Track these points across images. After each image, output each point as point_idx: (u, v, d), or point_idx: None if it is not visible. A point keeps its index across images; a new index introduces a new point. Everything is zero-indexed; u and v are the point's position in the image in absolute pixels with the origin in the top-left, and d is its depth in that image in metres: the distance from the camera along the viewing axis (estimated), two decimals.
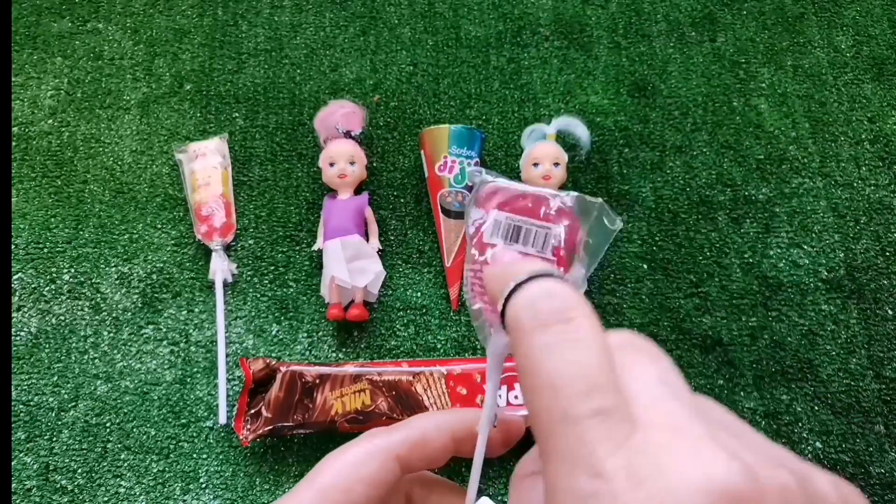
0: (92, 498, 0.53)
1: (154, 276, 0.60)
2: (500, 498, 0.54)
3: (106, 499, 0.53)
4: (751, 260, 0.61)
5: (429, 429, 0.25)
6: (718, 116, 0.66)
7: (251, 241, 0.62)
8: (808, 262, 0.61)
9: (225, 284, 0.59)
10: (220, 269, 0.59)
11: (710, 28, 0.71)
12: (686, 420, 0.17)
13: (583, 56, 0.69)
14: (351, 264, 0.58)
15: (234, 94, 0.68)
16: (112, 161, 0.65)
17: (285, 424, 0.53)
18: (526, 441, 0.24)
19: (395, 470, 0.24)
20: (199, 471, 0.54)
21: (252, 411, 0.54)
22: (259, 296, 0.60)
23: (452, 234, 0.60)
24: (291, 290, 0.60)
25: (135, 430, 0.56)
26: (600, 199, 0.25)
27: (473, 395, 0.53)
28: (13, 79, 0.68)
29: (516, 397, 0.53)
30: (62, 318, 0.59)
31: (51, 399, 0.56)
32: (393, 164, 0.65)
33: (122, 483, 0.54)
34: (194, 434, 0.55)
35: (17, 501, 0.53)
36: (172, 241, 0.62)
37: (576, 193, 0.25)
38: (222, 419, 0.55)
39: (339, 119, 0.62)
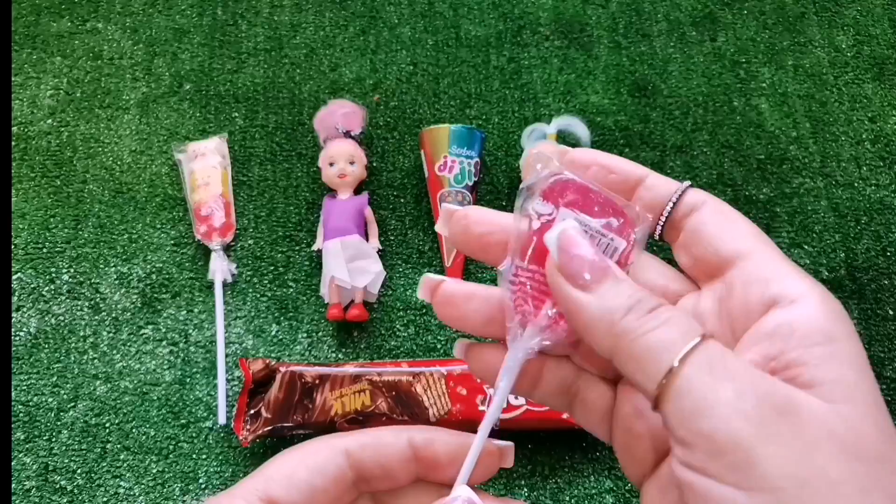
0: (91, 498, 0.53)
1: (153, 277, 0.60)
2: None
3: (105, 499, 0.53)
4: None
5: (384, 432, 0.25)
6: (719, 116, 0.66)
7: (251, 241, 0.62)
8: (808, 262, 0.61)
9: (224, 284, 0.59)
10: (220, 269, 0.59)
11: (711, 28, 0.71)
12: None
13: (583, 56, 0.69)
14: (351, 264, 0.58)
15: (233, 94, 0.67)
16: (111, 161, 0.65)
17: (285, 425, 0.53)
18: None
19: (342, 464, 0.24)
20: (199, 471, 0.54)
21: (252, 412, 0.54)
22: (259, 296, 0.60)
23: None
24: (291, 290, 0.60)
25: (134, 430, 0.55)
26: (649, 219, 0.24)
27: (473, 395, 0.53)
28: (13, 78, 0.68)
29: (516, 398, 0.53)
30: (61, 318, 0.59)
31: (50, 399, 0.56)
32: (393, 164, 0.65)
33: (122, 483, 0.54)
34: (194, 434, 0.55)
35: (17, 501, 0.53)
36: (172, 241, 0.62)
37: (644, 214, 0.23)
38: (222, 419, 0.55)
39: (339, 119, 0.62)
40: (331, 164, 0.61)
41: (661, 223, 0.24)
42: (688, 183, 0.24)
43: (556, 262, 0.22)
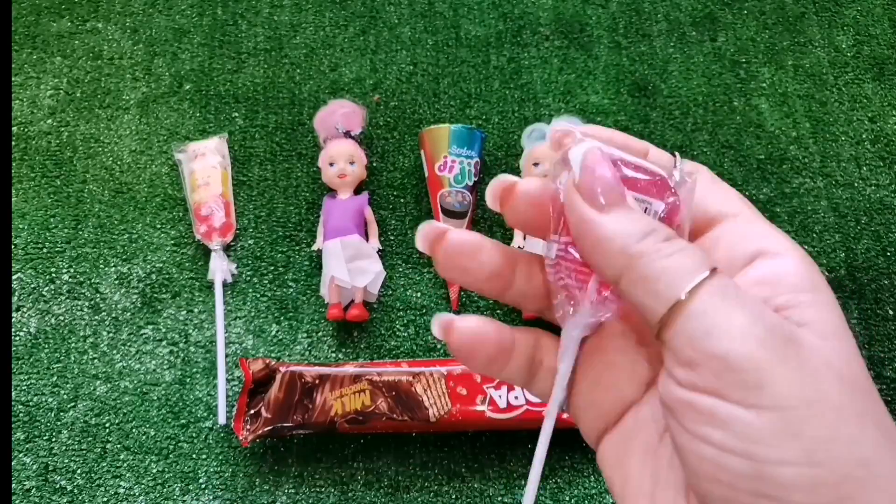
0: (91, 498, 0.53)
1: (153, 276, 0.60)
2: (499, 499, 0.54)
3: (105, 499, 0.53)
4: None
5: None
6: (719, 116, 0.66)
7: (251, 241, 0.62)
8: None
9: (224, 284, 0.59)
10: (220, 269, 0.59)
11: (711, 28, 0.70)
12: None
13: (583, 56, 0.69)
14: (351, 264, 0.58)
15: (233, 94, 0.67)
16: (111, 161, 0.65)
17: (285, 425, 0.53)
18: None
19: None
20: (199, 471, 0.54)
21: (252, 412, 0.54)
22: (259, 296, 0.60)
23: None
24: (291, 290, 0.60)
25: (134, 430, 0.55)
26: (699, 170, 0.24)
27: (473, 395, 0.53)
28: (13, 78, 0.68)
29: (516, 398, 0.53)
30: (61, 318, 0.59)
31: (50, 399, 0.56)
32: (393, 164, 0.65)
33: (122, 483, 0.54)
34: (194, 434, 0.55)
35: (17, 502, 0.53)
36: (172, 241, 0.62)
37: (681, 166, 0.23)
38: (222, 419, 0.55)
39: (339, 119, 0.62)
40: (331, 164, 0.61)
41: None
42: (677, 154, 0.24)
43: (575, 179, 0.22)
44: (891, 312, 0.59)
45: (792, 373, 0.18)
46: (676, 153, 0.24)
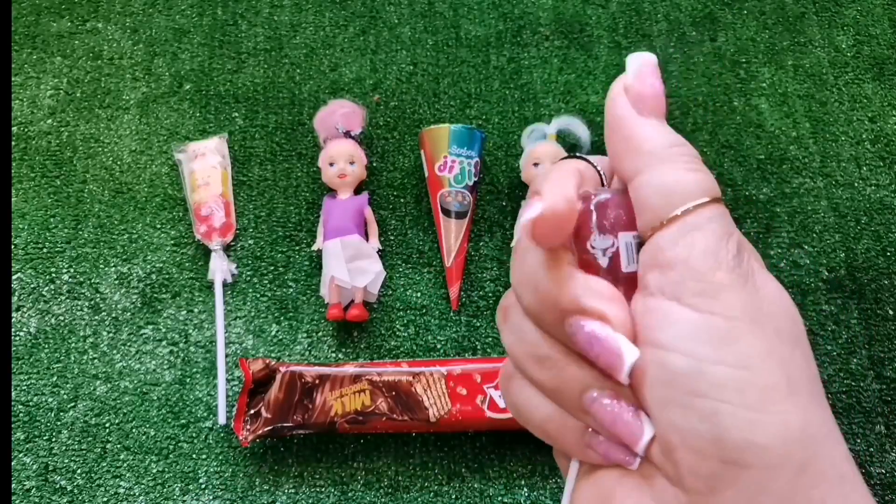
0: (91, 498, 0.53)
1: (153, 277, 0.60)
2: (499, 499, 0.54)
3: (105, 499, 0.53)
4: None
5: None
6: (719, 116, 0.66)
7: (251, 241, 0.62)
8: (808, 262, 0.61)
9: (224, 284, 0.59)
10: (220, 269, 0.59)
11: (711, 28, 0.70)
12: None
13: (583, 56, 0.69)
14: (351, 264, 0.58)
15: (233, 94, 0.67)
16: (111, 161, 0.65)
17: (285, 425, 0.53)
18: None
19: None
20: (199, 471, 0.54)
21: (251, 412, 0.54)
22: (259, 296, 0.60)
23: (452, 234, 0.60)
24: (291, 290, 0.60)
25: (134, 430, 0.55)
26: None
27: (473, 395, 0.53)
28: (13, 78, 0.68)
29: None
30: (61, 318, 0.59)
31: (50, 399, 0.56)
32: (393, 164, 0.65)
33: (122, 483, 0.54)
34: (194, 434, 0.55)
35: (17, 502, 0.53)
36: (172, 241, 0.62)
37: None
38: (222, 419, 0.55)
39: (339, 119, 0.62)
40: (331, 164, 0.61)
41: None
42: None
43: (627, 82, 0.23)
44: (891, 312, 0.59)
45: (746, 296, 0.20)
46: None
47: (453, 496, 0.53)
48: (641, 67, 0.23)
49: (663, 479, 0.21)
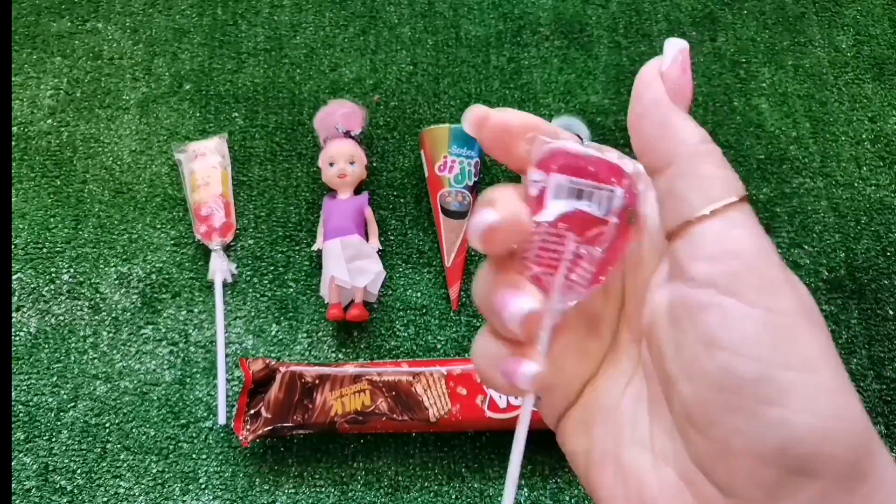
0: (91, 498, 0.53)
1: (153, 276, 0.60)
2: (499, 499, 0.54)
3: (105, 499, 0.53)
4: None
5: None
6: (719, 116, 0.66)
7: (251, 241, 0.62)
8: (808, 262, 0.61)
9: (224, 284, 0.59)
10: (220, 269, 0.59)
11: (711, 28, 0.70)
12: None
13: (583, 56, 0.69)
14: (351, 264, 0.58)
15: (233, 94, 0.67)
16: (111, 161, 0.65)
17: (285, 425, 0.53)
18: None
19: None
20: (199, 471, 0.54)
21: (251, 412, 0.54)
22: (259, 296, 0.60)
23: (452, 234, 0.60)
24: (291, 290, 0.60)
25: (134, 430, 0.55)
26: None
27: (473, 395, 0.53)
28: (13, 78, 0.68)
29: (516, 398, 0.53)
30: (61, 318, 0.59)
31: (50, 399, 0.56)
32: (393, 164, 0.65)
33: (122, 483, 0.54)
34: (194, 434, 0.55)
35: (17, 502, 0.53)
36: (172, 241, 0.62)
37: (636, 164, 0.24)
38: (222, 419, 0.55)
39: (339, 119, 0.62)
40: (331, 164, 0.61)
41: None
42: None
43: (666, 66, 0.22)
44: (891, 312, 0.59)
45: (795, 294, 0.20)
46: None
47: (453, 496, 0.53)
48: (679, 55, 0.22)
49: (711, 487, 0.21)
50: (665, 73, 0.22)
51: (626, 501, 0.22)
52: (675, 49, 0.22)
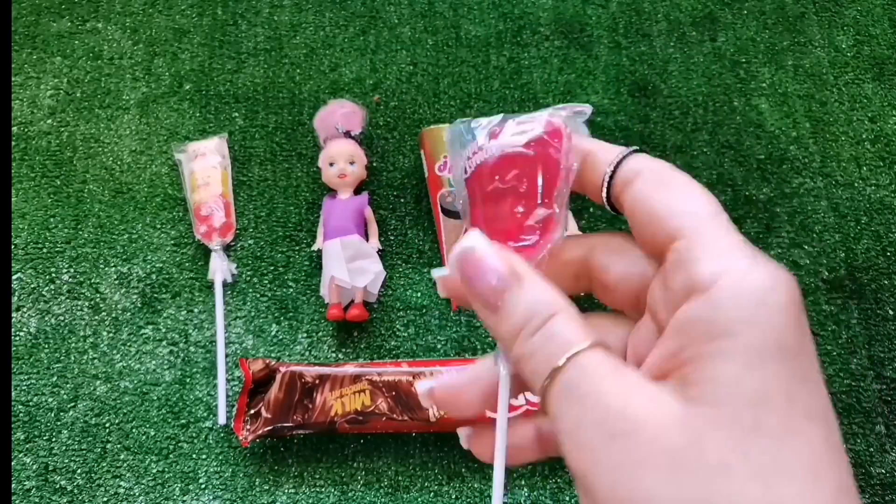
0: (91, 498, 0.53)
1: (153, 276, 0.60)
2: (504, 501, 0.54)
3: (105, 499, 0.53)
4: None
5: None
6: (719, 116, 0.66)
7: (251, 241, 0.62)
8: (808, 262, 0.61)
9: (224, 284, 0.59)
10: (220, 269, 0.59)
11: (711, 28, 0.70)
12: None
13: (583, 56, 0.69)
14: (351, 264, 0.58)
15: (233, 94, 0.67)
16: (111, 161, 0.65)
17: (285, 425, 0.53)
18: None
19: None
20: (199, 471, 0.54)
21: (252, 412, 0.54)
22: (259, 296, 0.60)
23: (452, 234, 0.60)
24: (291, 290, 0.60)
25: (134, 430, 0.55)
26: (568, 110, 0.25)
27: None
28: (13, 78, 0.68)
29: (516, 398, 0.53)
30: (61, 318, 0.59)
31: (50, 399, 0.56)
32: (393, 164, 0.65)
33: (122, 483, 0.54)
34: (194, 434, 0.55)
35: (17, 502, 0.53)
36: (172, 241, 0.62)
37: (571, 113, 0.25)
38: (222, 419, 0.55)
39: (339, 119, 0.62)
40: (331, 164, 0.61)
41: (605, 195, 0.23)
42: (632, 149, 0.23)
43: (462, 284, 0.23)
44: (891, 312, 0.59)
45: (612, 473, 0.18)
46: (632, 147, 0.24)
47: (453, 496, 0.53)
48: (462, 272, 0.22)
49: None
50: (468, 293, 0.22)
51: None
52: (454, 263, 0.23)
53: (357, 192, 0.62)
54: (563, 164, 0.24)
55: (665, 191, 0.22)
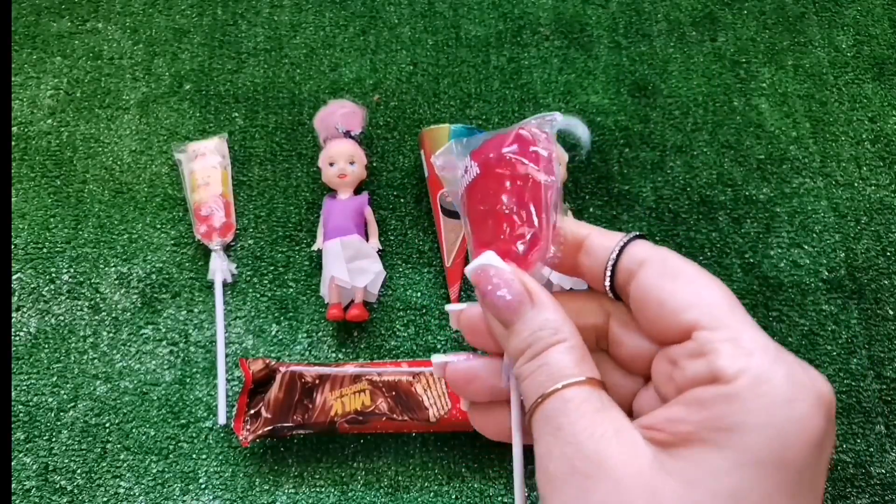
0: (91, 498, 0.53)
1: (153, 276, 0.60)
2: (499, 499, 0.54)
3: (105, 499, 0.53)
4: (751, 260, 0.61)
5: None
6: (719, 116, 0.66)
7: (251, 241, 0.62)
8: (808, 262, 0.61)
9: (224, 284, 0.59)
10: (220, 269, 0.59)
11: (711, 28, 0.70)
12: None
13: (583, 56, 0.69)
14: (351, 264, 0.58)
15: (233, 94, 0.67)
16: (111, 161, 0.65)
17: (285, 425, 0.53)
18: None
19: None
20: (199, 471, 0.54)
21: (251, 412, 0.54)
22: (259, 296, 0.60)
23: (452, 234, 0.60)
24: (291, 290, 0.60)
25: (134, 430, 0.55)
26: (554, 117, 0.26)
27: None
28: (13, 78, 0.68)
29: None
30: (61, 318, 0.59)
31: (50, 399, 0.56)
32: (393, 164, 0.65)
33: (122, 483, 0.54)
34: (194, 434, 0.55)
35: (17, 502, 0.53)
36: (172, 241, 0.62)
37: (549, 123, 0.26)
38: (222, 420, 0.55)
39: (339, 119, 0.62)
40: (331, 164, 0.61)
41: (608, 285, 0.24)
42: (632, 235, 0.23)
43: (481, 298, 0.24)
44: (891, 312, 0.59)
45: (564, 502, 0.20)
46: (632, 234, 0.24)
47: (453, 496, 0.53)
48: (480, 287, 0.25)
49: None
50: (485, 308, 0.25)
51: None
52: (470, 274, 0.25)
53: (357, 192, 0.62)
54: (543, 179, 0.24)
55: (674, 281, 0.22)
